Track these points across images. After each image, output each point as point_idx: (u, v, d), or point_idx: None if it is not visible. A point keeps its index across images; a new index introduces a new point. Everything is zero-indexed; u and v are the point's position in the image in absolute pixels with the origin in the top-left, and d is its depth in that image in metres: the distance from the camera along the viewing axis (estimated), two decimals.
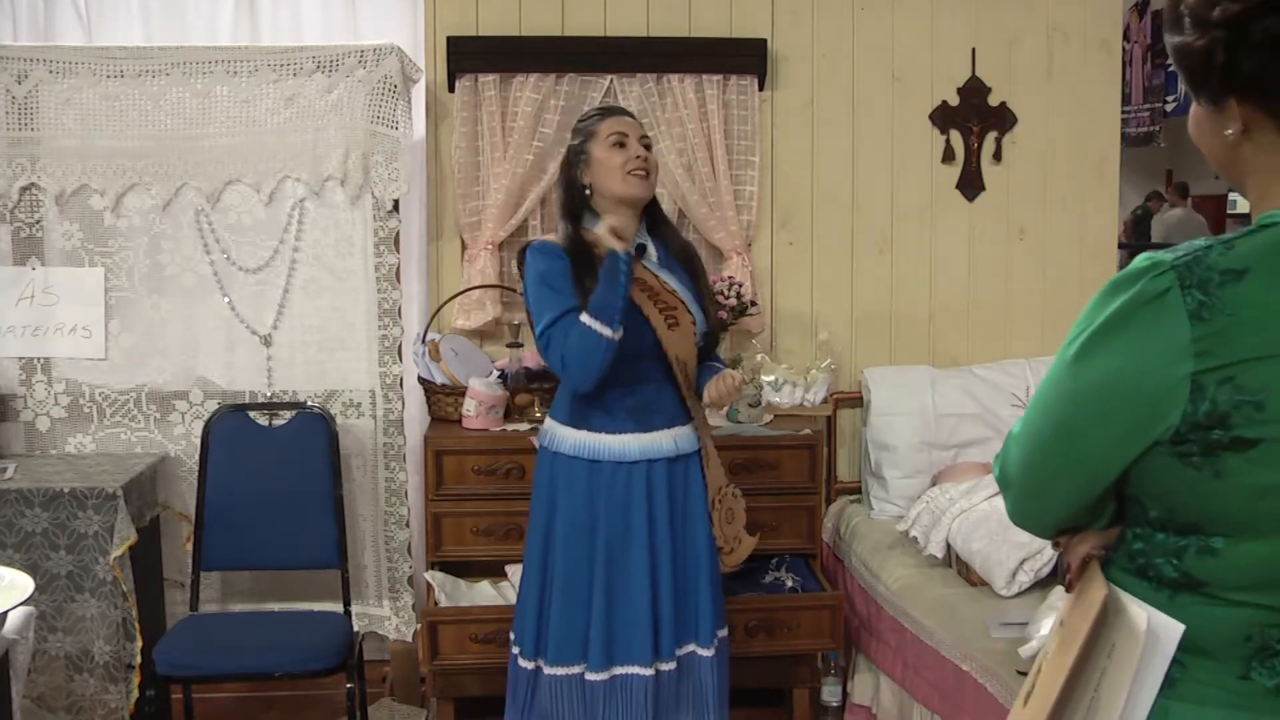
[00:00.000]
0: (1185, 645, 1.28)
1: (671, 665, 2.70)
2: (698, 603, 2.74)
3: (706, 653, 2.75)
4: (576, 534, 2.67)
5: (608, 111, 2.81)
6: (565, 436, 2.70)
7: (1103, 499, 1.36)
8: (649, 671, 2.65)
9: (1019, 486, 1.40)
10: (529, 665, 2.72)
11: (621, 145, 2.71)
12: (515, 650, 2.76)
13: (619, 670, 2.66)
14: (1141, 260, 1.26)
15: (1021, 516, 1.43)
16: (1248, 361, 1.19)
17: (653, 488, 2.68)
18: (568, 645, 2.67)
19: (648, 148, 2.76)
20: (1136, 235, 10.34)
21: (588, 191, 2.74)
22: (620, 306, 2.57)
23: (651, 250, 2.78)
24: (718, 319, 2.88)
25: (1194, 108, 1.34)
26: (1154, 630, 1.28)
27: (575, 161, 2.76)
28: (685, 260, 2.84)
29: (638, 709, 2.65)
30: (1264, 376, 1.19)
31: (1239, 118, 1.26)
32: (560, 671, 2.67)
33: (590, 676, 2.65)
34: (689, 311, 2.73)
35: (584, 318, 2.57)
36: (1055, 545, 1.47)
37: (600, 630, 2.64)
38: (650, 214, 2.82)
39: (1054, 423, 1.33)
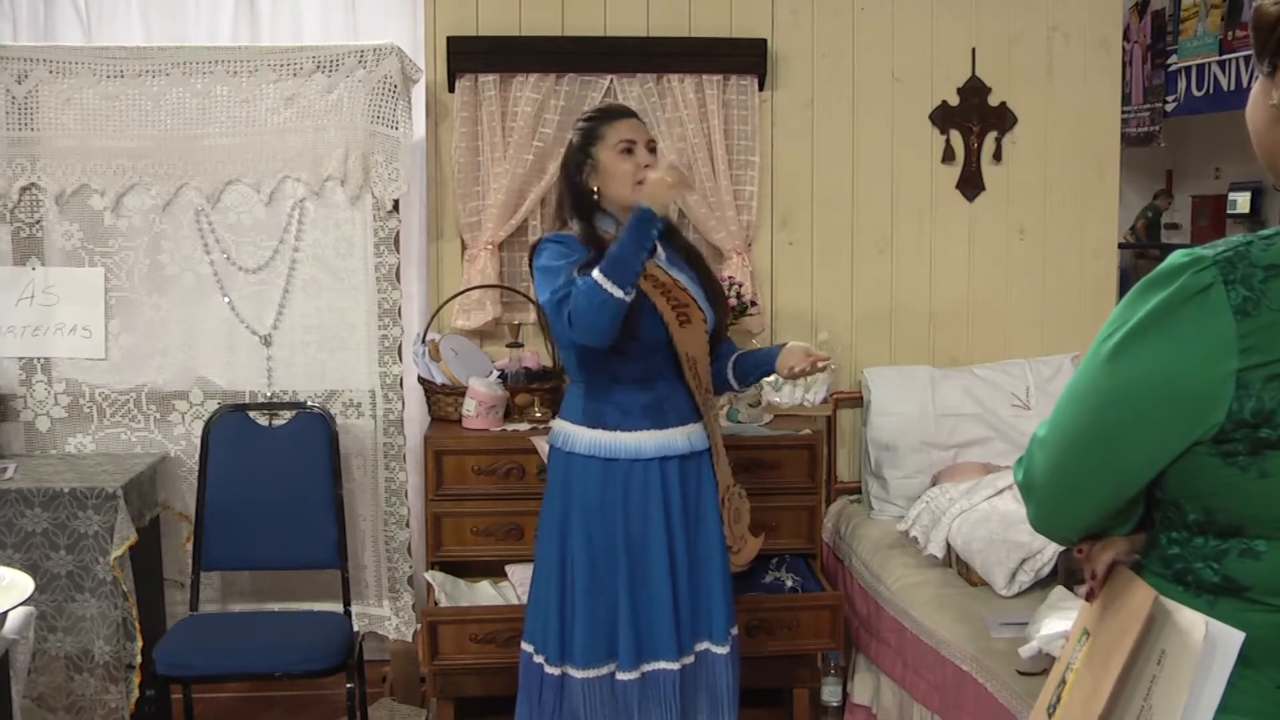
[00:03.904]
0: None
1: (690, 659, 2.71)
2: (711, 600, 2.73)
3: (722, 650, 2.75)
4: (597, 533, 2.66)
5: (612, 114, 2.77)
6: (580, 436, 2.68)
7: (1132, 503, 1.33)
8: (676, 666, 2.66)
9: (1046, 492, 1.34)
10: (555, 671, 2.69)
11: (630, 152, 2.69)
12: (539, 659, 2.72)
13: (648, 667, 2.66)
14: (1180, 256, 1.23)
15: (1045, 523, 1.38)
16: None
17: (667, 485, 2.68)
18: (596, 647, 2.65)
19: (653, 149, 2.74)
20: (1149, 236, 10.37)
21: (595, 196, 2.72)
22: (638, 270, 2.51)
23: (660, 250, 2.77)
24: (724, 316, 2.87)
25: (1256, 84, 1.30)
26: (1213, 637, 1.23)
27: (580, 165, 2.73)
28: (691, 259, 2.84)
29: (668, 704, 2.65)
30: None
31: None
32: (591, 674, 2.65)
33: (621, 676, 2.64)
34: (700, 309, 2.73)
35: (596, 274, 2.48)
36: (1077, 552, 1.41)
37: (628, 629, 2.63)
38: None
39: (1088, 424, 1.28)
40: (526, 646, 2.78)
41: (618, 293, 2.48)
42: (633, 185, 2.67)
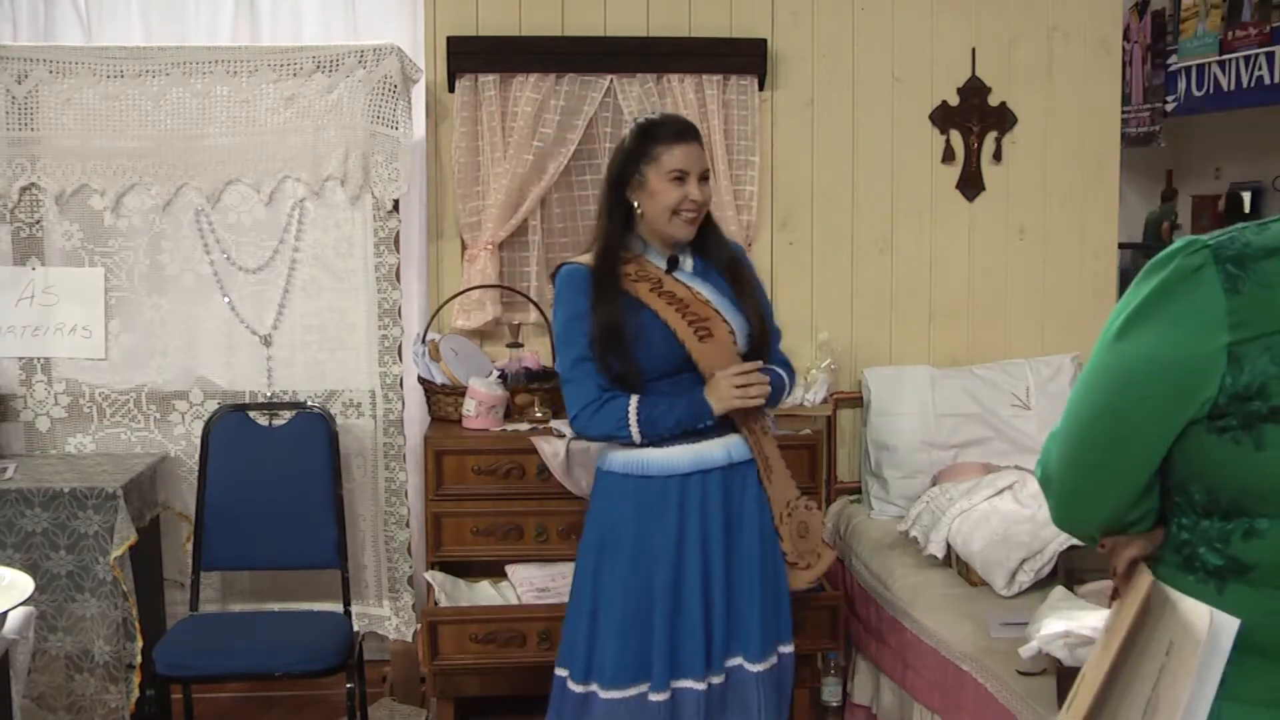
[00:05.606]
0: (1236, 642, 1.26)
1: (720, 678, 2.64)
2: (749, 615, 2.65)
3: (756, 668, 2.66)
4: (631, 554, 2.60)
5: (673, 135, 2.62)
6: (615, 454, 2.64)
7: (1147, 492, 1.35)
8: (702, 686, 2.60)
9: (1063, 479, 1.38)
10: (580, 689, 2.63)
11: (681, 181, 2.59)
12: (563, 673, 2.68)
13: (676, 685, 2.60)
14: (1179, 241, 1.30)
15: (1065, 514, 1.41)
16: None
17: (706, 498, 2.61)
18: (626, 668, 2.59)
19: (705, 178, 2.64)
20: (1151, 237, 10.45)
21: (636, 210, 2.64)
22: (666, 434, 2.58)
23: (686, 262, 2.70)
24: (762, 322, 2.73)
25: None
26: (1218, 626, 1.26)
27: (627, 177, 2.62)
28: (728, 266, 2.74)
29: None
30: None
31: None
32: (617, 695, 2.59)
33: (653, 697, 2.59)
34: (725, 321, 2.65)
35: (631, 419, 2.55)
36: (1100, 547, 1.44)
37: (664, 650, 2.58)
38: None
39: (1097, 403, 1.33)
40: (560, 671, 2.70)
41: (635, 438, 2.57)
42: (670, 217, 2.60)
